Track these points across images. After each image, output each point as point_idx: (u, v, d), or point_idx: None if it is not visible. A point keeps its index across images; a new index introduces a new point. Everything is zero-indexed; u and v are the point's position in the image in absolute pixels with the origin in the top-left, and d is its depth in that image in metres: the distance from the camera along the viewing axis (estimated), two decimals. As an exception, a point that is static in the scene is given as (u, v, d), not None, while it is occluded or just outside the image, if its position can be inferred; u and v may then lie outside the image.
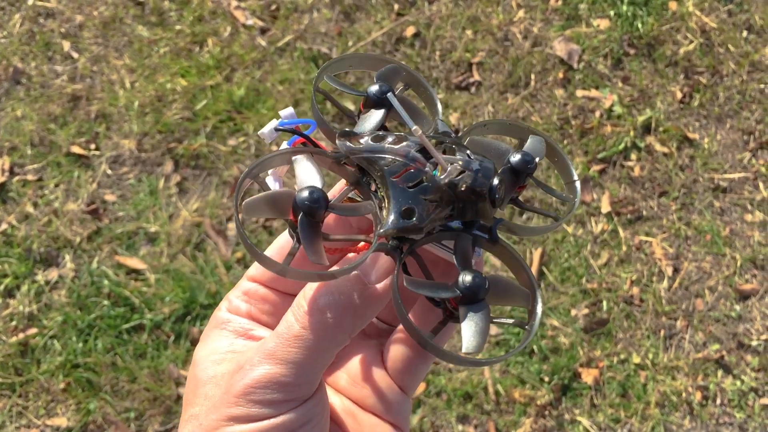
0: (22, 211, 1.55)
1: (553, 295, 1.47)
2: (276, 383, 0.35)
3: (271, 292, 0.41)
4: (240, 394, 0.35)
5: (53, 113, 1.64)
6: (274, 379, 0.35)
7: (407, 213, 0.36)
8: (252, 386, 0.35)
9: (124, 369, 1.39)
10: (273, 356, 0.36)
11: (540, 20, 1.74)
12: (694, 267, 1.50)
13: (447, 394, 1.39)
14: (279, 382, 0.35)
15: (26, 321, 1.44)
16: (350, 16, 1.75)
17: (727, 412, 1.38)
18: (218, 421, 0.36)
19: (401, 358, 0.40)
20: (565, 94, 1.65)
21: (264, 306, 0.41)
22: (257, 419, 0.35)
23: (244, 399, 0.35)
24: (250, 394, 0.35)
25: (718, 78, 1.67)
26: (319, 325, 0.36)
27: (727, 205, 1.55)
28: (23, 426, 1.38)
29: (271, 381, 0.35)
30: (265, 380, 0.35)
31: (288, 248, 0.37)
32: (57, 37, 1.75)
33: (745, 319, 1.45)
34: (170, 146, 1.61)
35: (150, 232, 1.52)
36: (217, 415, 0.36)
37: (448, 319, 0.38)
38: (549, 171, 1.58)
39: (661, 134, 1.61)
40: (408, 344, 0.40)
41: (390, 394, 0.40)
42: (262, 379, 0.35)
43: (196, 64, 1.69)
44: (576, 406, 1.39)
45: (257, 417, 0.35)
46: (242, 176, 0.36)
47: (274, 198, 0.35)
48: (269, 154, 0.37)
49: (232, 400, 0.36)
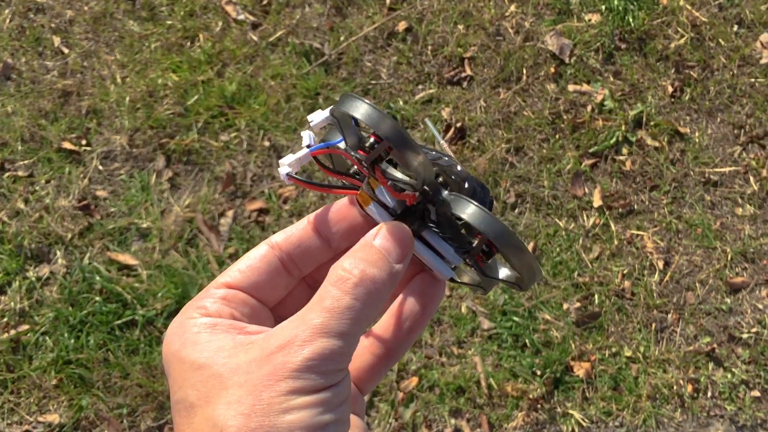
0: (13, 208, 1.54)
1: (545, 288, 1.48)
2: (334, 354, 0.37)
3: (249, 297, 0.42)
4: (301, 368, 0.37)
5: (44, 109, 1.64)
6: (334, 350, 0.37)
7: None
8: (313, 359, 0.37)
9: (117, 365, 1.39)
10: (327, 329, 0.38)
11: (532, 15, 1.74)
12: (685, 260, 1.50)
13: (440, 388, 1.39)
14: (336, 352, 0.37)
15: (18, 317, 1.44)
16: (342, 11, 1.75)
17: (718, 405, 1.39)
18: (276, 397, 0.37)
19: (365, 366, 0.43)
20: (556, 88, 1.66)
21: (245, 309, 0.42)
22: (319, 389, 0.37)
23: (306, 372, 0.37)
24: (312, 368, 0.37)
25: (708, 72, 1.67)
26: (368, 295, 0.38)
27: (717, 199, 1.56)
28: (15, 422, 1.38)
29: (332, 352, 0.37)
30: (326, 352, 0.37)
31: None
32: (47, 32, 1.74)
33: (736, 312, 1.46)
34: (162, 142, 1.60)
35: (142, 227, 1.52)
36: (272, 392, 0.37)
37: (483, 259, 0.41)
38: (541, 166, 1.58)
39: (652, 128, 1.61)
40: (372, 352, 0.42)
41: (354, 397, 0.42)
42: (323, 352, 0.37)
43: (187, 59, 1.68)
44: (568, 399, 1.39)
45: (319, 387, 0.37)
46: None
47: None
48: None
49: (291, 374, 0.37)
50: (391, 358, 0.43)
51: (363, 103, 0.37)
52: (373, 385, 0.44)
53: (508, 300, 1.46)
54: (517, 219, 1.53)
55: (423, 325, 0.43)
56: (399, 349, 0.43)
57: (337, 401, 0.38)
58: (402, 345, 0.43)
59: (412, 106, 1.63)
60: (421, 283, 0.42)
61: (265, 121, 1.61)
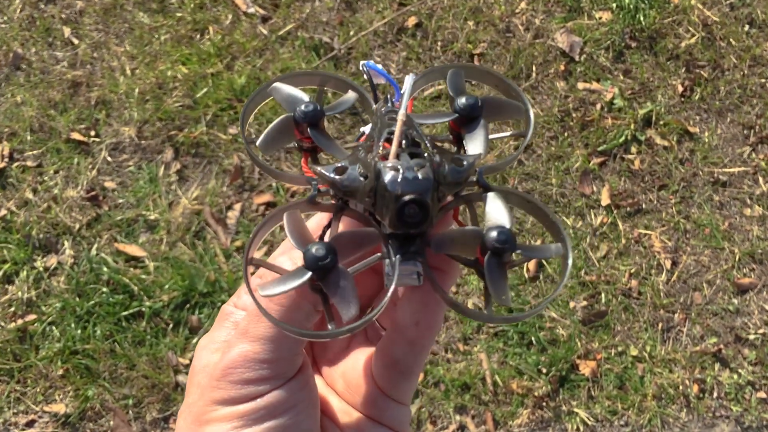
0: (22, 198, 1.54)
1: (552, 287, 1.47)
2: (252, 360, 0.35)
3: None
4: (220, 376, 0.36)
5: (53, 99, 1.64)
6: (249, 356, 0.35)
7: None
8: (230, 366, 0.35)
9: (123, 356, 1.39)
10: (246, 334, 0.36)
11: (542, 12, 1.73)
12: (692, 260, 1.50)
13: (445, 384, 1.39)
14: (255, 359, 0.35)
15: (25, 307, 1.44)
16: (352, 6, 1.75)
17: (724, 406, 1.39)
18: (205, 406, 0.36)
19: (385, 375, 0.40)
20: (566, 86, 1.65)
21: None
22: (240, 401, 0.35)
23: (225, 381, 0.35)
24: (229, 375, 0.35)
25: (719, 72, 1.67)
26: (284, 297, 0.36)
27: (726, 199, 1.55)
28: (21, 412, 1.38)
29: (246, 359, 0.35)
30: (240, 359, 0.35)
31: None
32: (57, 22, 1.74)
33: (743, 313, 1.46)
34: (170, 134, 1.61)
35: (150, 219, 1.52)
36: (204, 401, 0.36)
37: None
38: (549, 163, 1.58)
39: (662, 128, 1.61)
40: (387, 361, 0.39)
41: (382, 403, 0.40)
42: (238, 358, 0.35)
43: (197, 51, 1.68)
44: (573, 397, 1.39)
45: (240, 398, 0.35)
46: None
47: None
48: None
49: (214, 383, 0.36)
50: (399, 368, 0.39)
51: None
52: (401, 393, 0.40)
53: (514, 297, 1.46)
54: (525, 217, 1.53)
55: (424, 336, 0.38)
56: (407, 359, 0.39)
57: (261, 416, 0.35)
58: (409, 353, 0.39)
59: (421, 102, 1.63)
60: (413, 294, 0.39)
61: (273, 115, 1.61)
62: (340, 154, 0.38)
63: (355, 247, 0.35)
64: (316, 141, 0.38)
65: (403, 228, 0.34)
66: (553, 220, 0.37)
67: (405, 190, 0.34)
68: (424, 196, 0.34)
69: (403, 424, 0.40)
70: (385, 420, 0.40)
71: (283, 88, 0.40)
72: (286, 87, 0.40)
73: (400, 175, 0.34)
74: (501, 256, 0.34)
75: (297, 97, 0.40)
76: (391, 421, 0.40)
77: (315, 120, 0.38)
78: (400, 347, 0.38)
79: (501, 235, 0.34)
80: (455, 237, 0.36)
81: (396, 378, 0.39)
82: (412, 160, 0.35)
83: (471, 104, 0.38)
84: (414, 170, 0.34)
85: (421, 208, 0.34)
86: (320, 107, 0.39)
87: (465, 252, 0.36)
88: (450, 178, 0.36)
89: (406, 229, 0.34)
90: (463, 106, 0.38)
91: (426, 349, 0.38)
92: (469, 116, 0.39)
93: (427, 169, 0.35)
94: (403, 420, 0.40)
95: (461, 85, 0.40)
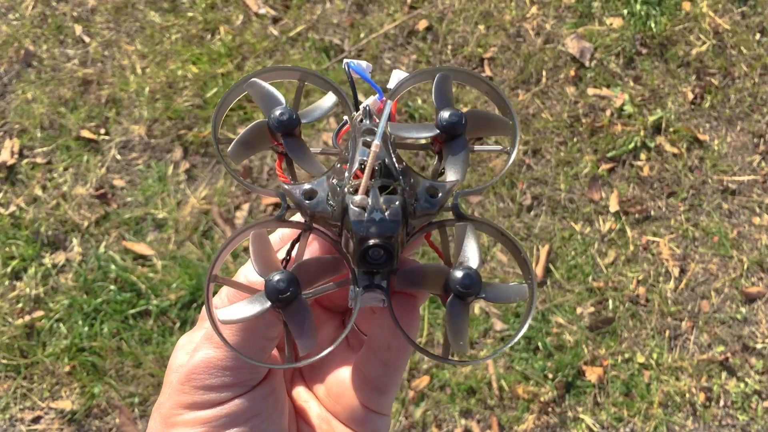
0: (31, 194, 1.55)
1: (559, 292, 1.47)
2: (214, 367, 0.35)
3: None
4: (184, 380, 0.36)
5: (64, 97, 1.64)
6: (212, 363, 0.35)
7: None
8: (193, 372, 0.35)
9: (129, 354, 1.39)
10: (211, 339, 0.36)
11: (553, 17, 1.73)
12: (700, 268, 1.50)
13: (451, 388, 1.39)
14: (217, 365, 0.35)
15: (32, 303, 1.45)
16: (363, 8, 1.75)
17: (731, 414, 1.39)
18: (171, 409, 0.36)
19: (363, 389, 0.40)
20: (576, 91, 1.65)
21: None
22: (203, 407, 0.35)
23: (189, 386, 0.35)
24: (192, 380, 0.35)
25: (729, 80, 1.66)
26: (248, 332, 0.36)
27: (735, 208, 1.55)
28: (27, 408, 1.38)
29: (209, 365, 0.35)
30: (203, 365, 0.35)
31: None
32: (69, 20, 1.74)
33: (751, 322, 1.45)
34: (180, 133, 1.61)
35: (158, 218, 1.52)
36: (171, 403, 0.36)
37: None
38: (558, 168, 1.58)
39: (672, 135, 1.60)
40: (363, 378, 0.40)
41: (361, 414, 0.40)
42: (201, 364, 0.36)
43: (207, 51, 1.69)
44: (579, 403, 1.39)
45: (203, 404, 0.35)
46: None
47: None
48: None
49: (179, 387, 0.36)
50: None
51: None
52: (379, 403, 0.40)
53: (521, 302, 1.45)
54: (533, 221, 1.53)
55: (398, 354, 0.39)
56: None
57: (223, 423, 0.35)
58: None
59: (431, 105, 1.63)
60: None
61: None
62: (312, 168, 0.37)
63: (319, 274, 0.35)
64: (290, 152, 0.37)
65: (367, 268, 0.34)
66: (523, 258, 0.37)
67: (370, 233, 0.33)
68: (389, 240, 0.33)
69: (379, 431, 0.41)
70: (365, 429, 0.40)
71: (260, 85, 0.39)
72: (262, 84, 0.39)
73: (366, 215, 0.33)
74: (464, 300, 0.34)
75: (274, 96, 0.39)
76: (369, 430, 0.40)
77: (290, 129, 0.37)
78: (374, 367, 0.38)
79: (466, 279, 0.33)
80: (420, 275, 0.35)
81: (373, 394, 0.40)
82: (383, 195, 0.34)
83: (454, 123, 0.37)
84: (382, 210, 0.33)
85: (386, 252, 0.33)
86: (296, 116, 0.37)
87: (430, 287, 0.35)
88: (422, 211, 0.35)
89: (369, 269, 0.34)
90: (446, 123, 0.37)
91: (399, 369, 0.39)
92: (451, 134, 0.38)
93: (396, 207, 0.33)
94: (381, 429, 0.41)
95: (448, 94, 0.39)
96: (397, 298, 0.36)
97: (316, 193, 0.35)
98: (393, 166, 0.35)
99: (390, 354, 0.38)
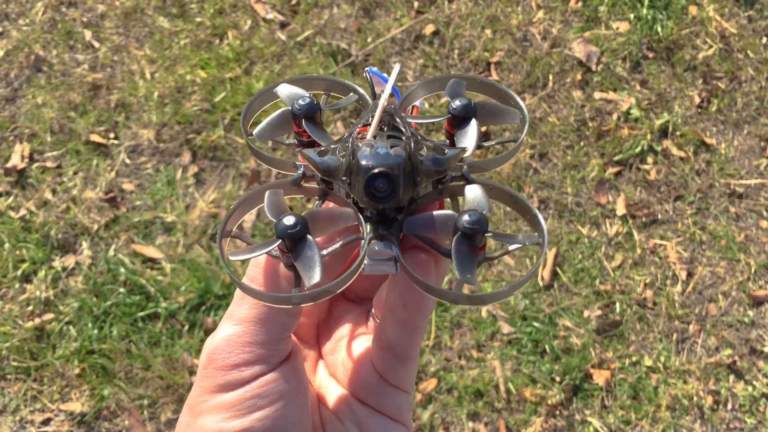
0: (41, 198, 1.56)
1: (566, 295, 1.47)
2: (235, 343, 0.35)
3: None
4: (207, 363, 0.35)
5: (73, 101, 1.66)
6: (233, 340, 0.35)
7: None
8: (214, 351, 0.35)
9: (139, 356, 1.40)
10: (231, 317, 0.35)
11: (559, 21, 1.74)
12: (708, 272, 1.50)
13: (458, 391, 1.39)
14: (238, 341, 0.35)
15: (43, 306, 1.46)
16: (370, 13, 1.76)
17: (738, 418, 1.38)
18: (197, 397, 0.35)
19: (382, 359, 0.39)
20: (582, 95, 1.66)
21: None
22: (227, 388, 0.34)
23: (211, 368, 0.35)
24: (214, 361, 0.35)
25: (736, 84, 1.67)
26: (267, 277, 0.35)
27: (742, 211, 1.55)
28: (37, 410, 1.39)
29: (230, 342, 0.35)
30: (224, 343, 0.35)
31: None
32: (79, 26, 1.76)
33: (758, 325, 1.45)
34: (188, 137, 1.62)
35: (167, 221, 1.53)
36: (197, 391, 0.35)
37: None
38: (565, 172, 1.58)
39: (678, 138, 1.61)
40: (382, 345, 0.38)
41: (380, 390, 0.39)
42: (221, 342, 0.35)
43: (215, 56, 1.70)
44: (587, 406, 1.39)
45: (226, 385, 0.34)
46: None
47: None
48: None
49: (203, 371, 0.35)
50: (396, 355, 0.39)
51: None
52: (400, 379, 0.39)
53: (528, 305, 1.46)
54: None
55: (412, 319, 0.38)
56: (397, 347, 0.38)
57: (248, 406, 0.34)
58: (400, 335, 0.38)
59: (438, 109, 1.64)
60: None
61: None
62: (330, 143, 0.39)
63: (329, 223, 0.36)
64: (310, 132, 0.39)
65: (372, 202, 0.34)
66: (533, 213, 0.37)
67: (375, 164, 0.34)
68: (393, 170, 0.34)
69: (402, 411, 0.40)
70: (384, 407, 0.39)
71: (288, 88, 0.41)
72: (291, 87, 0.41)
73: (372, 150, 0.34)
74: (472, 239, 0.34)
75: (299, 94, 0.41)
76: (389, 408, 0.39)
77: (311, 113, 0.39)
78: (392, 330, 0.37)
79: (472, 216, 0.34)
80: (428, 219, 0.36)
81: (393, 362, 0.38)
82: (389, 140, 0.36)
83: (464, 105, 0.39)
84: (387, 147, 0.35)
85: (390, 182, 0.34)
86: (317, 102, 0.40)
87: (440, 234, 0.36)
88: (428, 164, 0.36)
89: (375, 204, 0.34)
90: (456, 106, 0.39)
91: (418, 330, 0.38)
92: (462, 117, 0.39)
93: (401, 149, 0.35)
94: (402, 407, 0.40)
95: (460, 91, 0.41)
96: (411, 253, 0.36)
97: (328, 152, 0.37)
98: (402, 124, 0.37)
99: (406, 312, 0.36)
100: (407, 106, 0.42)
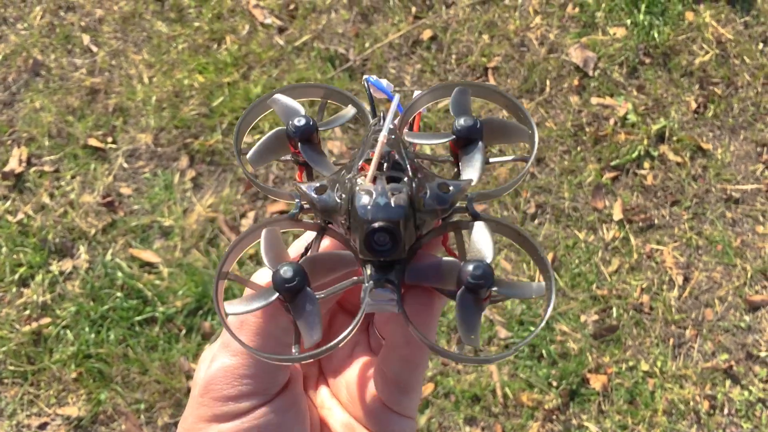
0: (39, 202, 1.56)
1: (563, 300, 1.48)
2: (231, 375, 0.34)
3: None
4: (203, 391, 0.35)
5: (71, 106, 1.66)
6: (229, 371, 0.34)
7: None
8: (210, 382, 0.35)
9: (136, 361, 1.40)
10: (227, 347, 0.35)
11: (556, 27, 1.74)
12: (704, 277, 1.50)
13: (455, 395, 1.39)
14: (234, 373, 0.34)
15: (40, 310, 1.46)
16: (368, 18, 1.77)
17: (735, 422, 1.39)
18: (193, 423, 0.35)
19: (385, 390, 0.39)
20: (579, 101, 1.66)
21: None
22: (223, 419, 0.34)
23: (207, 397, 0.35)
24: (211, 391, 0.34)
25: (732, 89, 1.67)
26: (254, 320, 0.35)
27: (738, 216, 1.56)
28: (34, 414, 1.39)
29: (226, 373, 0.34)
30: (221, 373, 0.35)
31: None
32: (77, 30, 1.76)
33: (755, 330, 1.46)
34: (186, 141, 1.62)
35: (164, 226, 1.53)
36: (193, 418, 0.35)
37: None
38: (562, 177, 1.58)
39: (675, 144, 1.61)
40: (384, 377, 0.38)
41: (384, 417, 0.39)
42: (218, 373, 0.35)
43: (213, 61, 1.70)
44: (583, 411, 1.39)
45: (222, 416, 0.34)
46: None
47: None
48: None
49: (199, 399, 0.35)
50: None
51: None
52: (404, 406, 0.39)
53: (525, 310, 1.46)
54: (537, 230, 1.54)
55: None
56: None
57: None
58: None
59: (435, 114, 1.64)
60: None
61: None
62: (328, 171, 0.37)
63: (329, 270, 0.34)
64: (306, 157, 0.37)
65: (373, 255, 0.33)
66: (541, 256, 0.36)
67: (375, 217, 0.32)
68: (394, 224, 0.32)
69: None
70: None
71: (283, 100, 0.40)
72: (285, 98, 0.40)
73: (372, 200, 0.33)
74: (476, 293, 0.32)
75: (294, 109, 0.39)
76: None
77: (307, 135, 0.37)
78: (395, 365, 0.37)
79: (477, 270, 0.32)
80: (431, 268, 0.34)
81: (395, 393, 0.38)
82: (389, 184, 0.33)
83: (469, 126, 0.37)
84: (388, 196, 0.33)
85: (391, 237, 0.32)
86: (313, 122, 0.38)
87: (443, 284, 0.34)
88: (431, 204, 0.34)
89: (375, 257, 0.33)
90: (460, 127, 0.37)
91: (420, 366, 0.37)
92: (467, 138, 0.37)
93: (402, 195, 0.33)
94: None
95: (465, 104, 0.39)
96: (412, 294, 0.35)
97: (326, 189, 0.35)
98: (402, 160, 0.35)
99: (409, 349, 0.36)
100: (410, 117, 0.41)
